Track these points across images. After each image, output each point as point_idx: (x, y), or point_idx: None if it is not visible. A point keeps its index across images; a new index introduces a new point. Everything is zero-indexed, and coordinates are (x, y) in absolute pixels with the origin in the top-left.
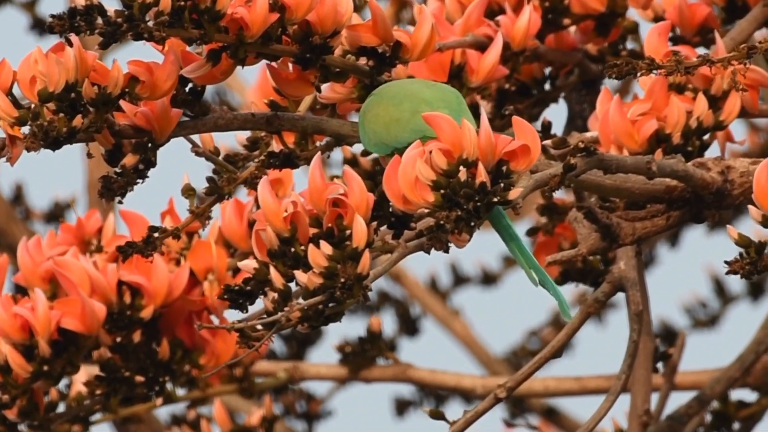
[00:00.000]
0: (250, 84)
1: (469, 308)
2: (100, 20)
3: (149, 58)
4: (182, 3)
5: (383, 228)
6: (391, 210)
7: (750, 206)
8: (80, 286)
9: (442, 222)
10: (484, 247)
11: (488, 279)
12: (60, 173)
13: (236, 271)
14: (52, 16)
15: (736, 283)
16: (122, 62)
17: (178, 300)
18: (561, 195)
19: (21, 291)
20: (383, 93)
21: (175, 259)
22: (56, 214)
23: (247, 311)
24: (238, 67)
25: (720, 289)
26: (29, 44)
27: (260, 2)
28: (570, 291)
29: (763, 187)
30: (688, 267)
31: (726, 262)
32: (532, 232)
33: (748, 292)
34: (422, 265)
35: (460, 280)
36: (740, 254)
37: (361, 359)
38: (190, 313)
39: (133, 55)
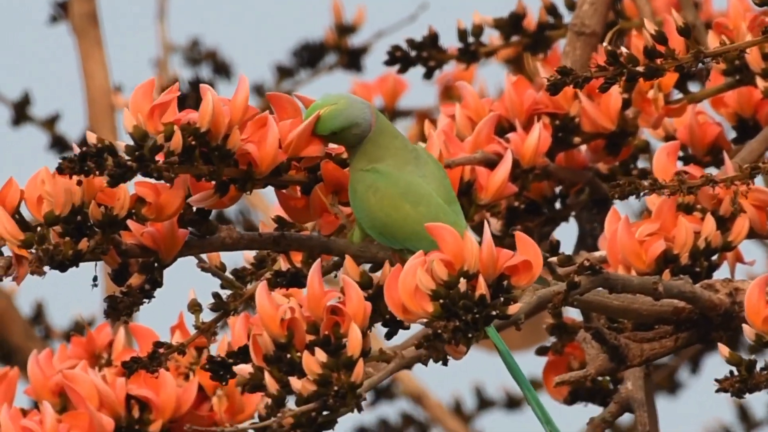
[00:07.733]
0: (275, 203)
1: None
2: (110, 161)
3: None
4: (193, 141)
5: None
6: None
7: (744, 325)
8: (89, 399)
9: (439, 331)
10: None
11: (512, 403)
12: (80, 290)
13: (245, 385)
14: (63, 158)
15: (760, 409)
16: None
17: (187, 415)
18: (572, 314)
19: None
20: (390, 175)
21: (185, 373)
22: (76, 333)
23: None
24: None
25: (744, 414)
26: (49, 162)
27: (270, 141)
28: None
29: (755, 306)
30: (712, 393)
31: (716, 380)
32: (542, 351)
33: None
34: (446, 388)
35: (484, 403)
36: (730, 372)
37: None
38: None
39: None
